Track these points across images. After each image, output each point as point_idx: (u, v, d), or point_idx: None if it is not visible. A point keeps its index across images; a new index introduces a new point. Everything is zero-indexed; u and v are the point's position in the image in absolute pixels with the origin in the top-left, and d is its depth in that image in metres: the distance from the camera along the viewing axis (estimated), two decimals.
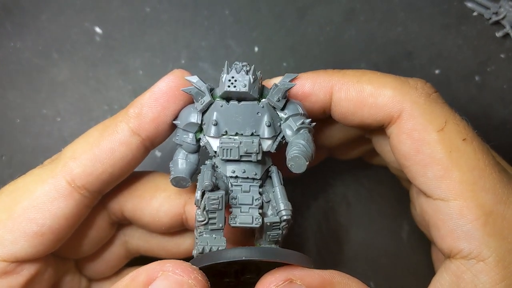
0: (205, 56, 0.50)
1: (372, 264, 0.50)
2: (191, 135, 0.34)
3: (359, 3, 0.50)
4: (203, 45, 0.50)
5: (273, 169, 0.35)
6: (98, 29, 0.50)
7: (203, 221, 0.32)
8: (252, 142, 0.32)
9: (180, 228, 0.40)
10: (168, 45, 0.50)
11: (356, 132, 0.40)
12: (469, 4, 0.50)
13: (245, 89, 0.31)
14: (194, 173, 0.35)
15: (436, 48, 0.50)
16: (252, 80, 0.31)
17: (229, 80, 0.31)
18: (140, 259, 0.44)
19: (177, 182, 0.34)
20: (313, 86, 0.34)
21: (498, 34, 0.50)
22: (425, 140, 0.31)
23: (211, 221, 0.32)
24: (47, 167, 0.34)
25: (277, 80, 0.34)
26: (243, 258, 0.29)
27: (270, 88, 0.33)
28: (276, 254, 0.30)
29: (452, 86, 0.50)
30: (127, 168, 0.35)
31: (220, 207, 0.31)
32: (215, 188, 0.31)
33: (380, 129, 0.37)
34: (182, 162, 0.34)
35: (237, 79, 0.31)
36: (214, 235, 0.32)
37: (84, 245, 0.38)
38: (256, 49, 0.50)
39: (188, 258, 0.41)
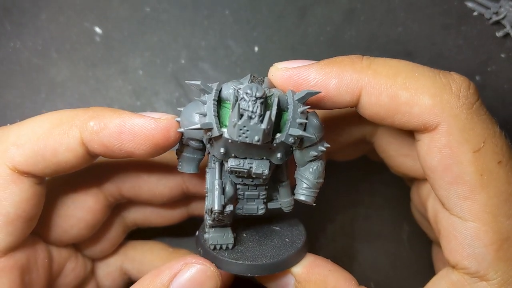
0: (205, 56, 0.50)
1: (372, 264, 0.50)
2: (197, 142, 0.32)
3: (360, 3, 0.50)
4: (203, 45, 0.50)
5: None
6: (98, 29, 0.50)
7: (212, 223, 0.33)
8: (262, 172, 0.31)
9: (182, 196, 0.40)
10: (168, 45, 0.50)
11: (357, 136, 0.40)
12: (470, 4, 0.50)
13: (259, 143, 0.28)
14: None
15: (437, 48, 0.50)
16: (267, 131, 0.27)
17: (240, 130, 0.27)
18: (137, 232, 0.46)
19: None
20: (339, 87, 0.30)
21: (499, 34, 0.50)
22: (458, 159, 0.29)
23: (220, 221, 0.33)
24: None
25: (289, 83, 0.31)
26: (248, 274, 0.33)
27: (287, 111, 0.29)
28: (276, 268, 0.34)
29: None
30: (72, 169, 0.33)
31: (228, 217, 0.33)
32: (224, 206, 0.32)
33: (387, 133, 0.37)
34: (189, 159, 0.34)
35: (250, 129, 0.27)
36: (223, 233, 0.34)
37: (82, 230, 0.38)
38: (256, 49, 0.50)
39: (183, 223, 0.45)
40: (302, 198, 0.32)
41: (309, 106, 0.30)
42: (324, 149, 0.31)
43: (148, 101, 0.50)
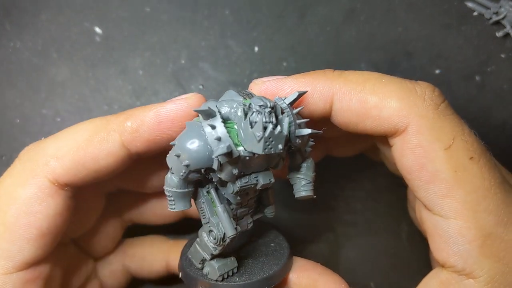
0: (205, 56, 0.50)
1: (372, 264, 0.50)
2: (198, 173, 0.30)
3: (360, 3, 0.50)
4: (203, 45, 0.50)
5: None
6: (98, 29, 0.50)
7: (218, 252, 0.33)
8: (270, 182, 0.31)
9: None
10: (168, 45, 0.50)
11: None
12: (470, 4, 0.50)
13: (281, 151, 0.28)
14: None
15: (437, 48, 0.50)
16: (287, 137, 0.28)
17: (266, 142, 0.27)
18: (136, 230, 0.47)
19: None
20: (312, 94, 0.32)
21: (499, 34, 0.50)
22: (430, 157, 0.30)
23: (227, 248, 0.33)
24: (26, 166, 0.32)
25: (282, 90, 0.32)
26: None
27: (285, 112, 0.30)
28: (285, 271, 0.35)
29: (452, 86, 0.50)
30: (111, 175, 0.34)
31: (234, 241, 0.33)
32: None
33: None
34: (183, 194, 0.31)
35: (274, 139, 0.27)
36: (227, 259, 0.34)
37: (82, 221, 0.39)
38: (256, 49, 0.50)
39: (177, 221, 0.45)
40: (304, 194, 0.33)
41: (302, 107, 0.31)
42: (313, 143, 0.32)
43: (148, 101, 0.50)
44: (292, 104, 0.30)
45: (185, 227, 0.50)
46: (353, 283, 0.49)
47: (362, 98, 0.31)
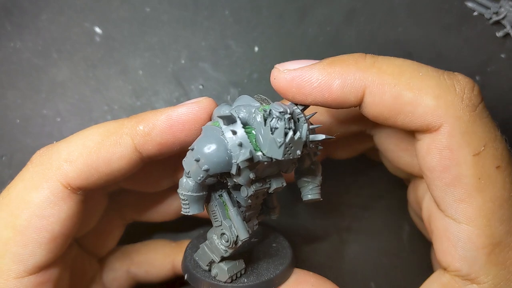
0: (205, 56, 0.50)
1: (372, 264, 0.50)
2: (215, 177, 0.30)
3: (360, 3, 0.50)
4: (203, 45, 0.50)
5: None
6: (98, 29, 0.50)
7: (229, 255, 0.33)
8: (282, 185, 0.31)
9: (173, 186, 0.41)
10: (168, 45, 0.50)
11: (359, 128, 0.39)
12: (470, 4, 0.50)
13: (299, 156, 0.28)
14: None
15: (437, 48, 0.50)
16: (304, 142, 0.28)
17: (286, 148, 0.27)
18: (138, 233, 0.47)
19: None
20: (343, 87, 0.30)
21: (499, 34, 0.50)
22: (457, 161, 0.29)
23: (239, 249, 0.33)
24: (38, 170, 0.33)
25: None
26: None
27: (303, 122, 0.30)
28: (291, 268, 0.35)
29: None
30: (123, 177, 0.34)
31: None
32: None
33: (387, 126, 0.36)
34: (198, 198, 0.31)
35: (293, 145, 0.28)
36: (236, 261, 0.34)
37: (85, 221, 0.39)
38: (256, 49, 0.50)
39: (179, 218, 0.45)
40: (311, 197, 0.34)
41: (316, 112, 0.31)
42: (322, 147, 0.32)
43: (148, 101, 0.50)
44: (304, 109, 0.30)
45: (184, 226, 0.50)
46: (354, 283, 0.49)
47: (397, 93, 0.29)
